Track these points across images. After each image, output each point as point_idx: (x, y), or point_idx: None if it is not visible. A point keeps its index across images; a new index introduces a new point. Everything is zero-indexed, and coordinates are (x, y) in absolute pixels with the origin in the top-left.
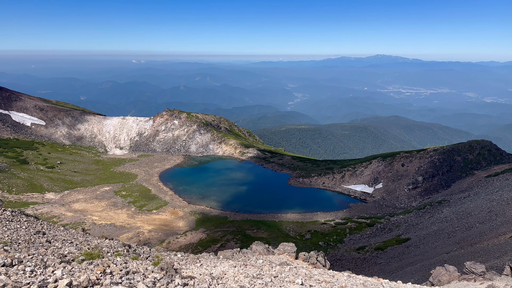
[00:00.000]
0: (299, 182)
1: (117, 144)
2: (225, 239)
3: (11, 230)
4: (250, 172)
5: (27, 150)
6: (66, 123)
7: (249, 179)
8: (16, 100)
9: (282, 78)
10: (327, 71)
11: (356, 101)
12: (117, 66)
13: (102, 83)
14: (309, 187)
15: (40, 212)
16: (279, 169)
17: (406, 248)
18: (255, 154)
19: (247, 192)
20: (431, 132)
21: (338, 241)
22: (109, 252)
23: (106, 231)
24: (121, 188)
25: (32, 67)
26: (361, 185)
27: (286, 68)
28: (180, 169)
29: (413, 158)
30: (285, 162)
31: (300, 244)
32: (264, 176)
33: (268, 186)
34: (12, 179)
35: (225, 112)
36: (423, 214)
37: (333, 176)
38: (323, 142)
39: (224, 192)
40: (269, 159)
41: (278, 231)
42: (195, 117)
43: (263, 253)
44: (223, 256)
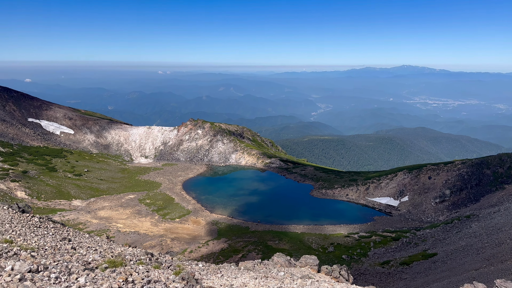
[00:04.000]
0: (322, 193)
1: (142, 153)
2: (246, 250)
3: (39, 236)
4: (272, 182)
5: (56, 158)
6: (94, 132)
7: (271, 190)
8: (46, 109)
9: (306, 88)
10: (352, 82)
11: (381, 112)
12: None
13: (129, 94)
14: (332, 199)
15: (67, 219)
16: (301, 180)
17: (432, 263)
18: (278, 165)
19: (269, 203)
20: (459, 145)
21: (362, 255)
22: (132, 260)
23: (130, 239)
24: (145, 196)
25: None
26: (386, 198)
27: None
28: (203, 178)
29: (440, 171)
30: (308, 172)
31: (322, 257)
32: (286, 187)
33: (290, 197)
34: (41, 186)
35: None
36: (451, 228)
37: (357, 188)
38: (347, 153)
39: (246, 202)
40: (292, 169)
41: (300, 243)
42: (218, 127)
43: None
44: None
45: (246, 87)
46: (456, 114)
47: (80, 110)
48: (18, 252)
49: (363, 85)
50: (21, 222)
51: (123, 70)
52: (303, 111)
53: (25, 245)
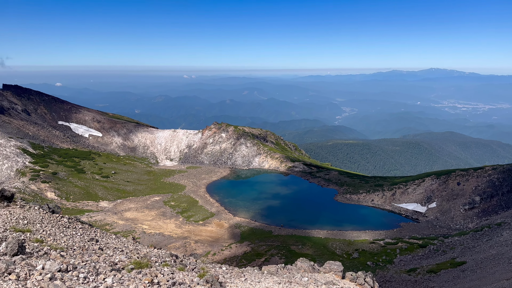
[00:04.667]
0: (347, 198)
1: (167, 155)
2: (269, 254)
3: (67, 236)
4: (295, 186)
5: (85, 160)
6: (121, 134)
7: (295, 194)
8: (76, 112)
9: (330, 92)
10: (377, 85)
11: (408, 116)
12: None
13: (155, 97)
14: (357, 204)
15: (94, 220)
16: (325, 184)
17: (461, 272)
18: (301, 169)
19: (292, 207)
20: (490, 150)
21: (388, 262)
22: (157, 262)
23: (155, 240)
24: (170, 198)
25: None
26: (413, 204)
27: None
28: (226, 181)
29: (469, 177)
30: (332, 177)
31: (347, 263)
32: (310, 191)
33: (314, 202)
34: (70, 187)
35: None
36: (481, 236)
37: (383, 194)
38: (372, 158)
39: (269, 206)
40: (315, 173)
41: (324, 248)
42: (242, 131)
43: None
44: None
45: (270, 90)
46: (487, 119)
47: (108, 114)
48: (48, 252)
49: (390, 88)
50: (51, 222)
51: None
52: (327, 115)
53: (54, 245)
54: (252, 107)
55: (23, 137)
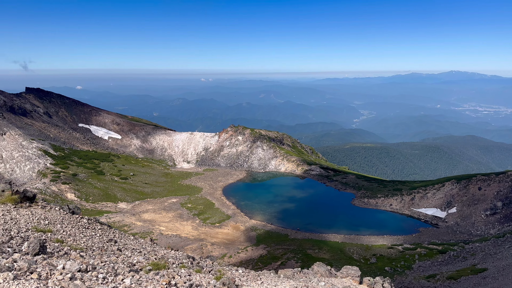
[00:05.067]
0: (364, 202)
1: (184, 158)
2: (285, 257)
3: (87, 237)
4: (312, 190)
5: (104, 162)
6: (140, 137)
7: (311, 197)
8: (96, 115)
9: (348, 95)
10: (396, 88)
11: (428, 119)
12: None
13: (173, 100)
14: (375, 209)
15: (113, 221)
16: (342, 188)
17: (482, 279)
18: (318, 172)
19: (309, 211)
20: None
21: (406, 267)
22: (174, 264)
23: (172, 242)
24: (187, 200)
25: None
26: (432, 209)
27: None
28: (243, 184)
29: (491, 182)
30: (349, 181)
31: (364, 268)
32: (326, 195)
33: (331, 205)
34: (89, 188)
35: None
36: (503, 243)
37: (402, 198)
38: (391, 162)
39: (285, 209)
40: (332, 177)
41: (341, 252)
42: (258, 133)
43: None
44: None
45: (286, 93)
46: (509, 122)
47: (127, 116)
48: (68, 252)
49: (409, 91)
50: (71, 223)
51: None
52: (345, 118)
53: (74, 245)
54: (268, 110)
55: (44, 139)
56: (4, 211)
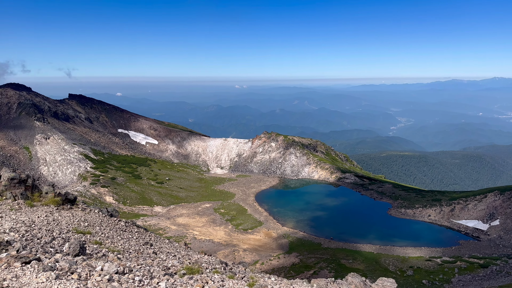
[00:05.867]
0: (401, 212)
1: (218, 163)
2: (318, 267)
3: (124, 239)
4: (346, 198)
5: (141, 166)
6: (176, 142)
7: (345, 206)
8: (134, 121)
9: (384, 101)
10: (436, 95)
11: (469, 127)
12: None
13: (208, 107)
14: (412, 219)
15: (149, 224)
16: (378, 197)
17: None
18: (353, 180)
19: (343, 220)
20: None
21: (445, 281)
22: (208, 269)
23: (205, 246)
24: (220, 206)
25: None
26: (473, 221)
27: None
28: (275, 191)
29: None
30: (385, 190)
31: (400, 280)
32: (361, 204)
33: (366, 215)
34: (127, 192)
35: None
36: None
37: (441, 209)
38: (430, 171)
39: (318, 217)
40: (368, 186)
41: (376, 263)
42: (292, 140)
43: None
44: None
45: (320, 100)
46: None
47: (163, 122)
48: (106, 254)
49: (449, 98)
50: (109, 225)
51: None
52: (381, 125)
53: (112, 247)
54: (302, 117)
55: (85, 143)
56: (47, 212)
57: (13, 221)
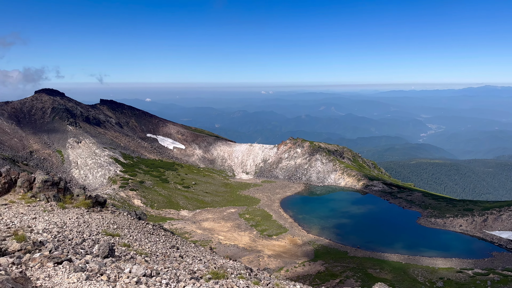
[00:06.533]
0: (431, 222)
1: (243, 169)
2: (344, 275)
3: (151, 242)
4: (373, 206)
5: (168, 170)
6: (202, 147)
7: (373, 214)
8: (162, 126)
9: (414, 108)
10: (467, 101)
11: (503, 134)
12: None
13: (234, 112)
14: (443, 229)
15: (175, 227)
16: (407, 206)
17: None
18: (380, 188)
19: (370, 228)
20: None
21: None
22: (233, 274)
23: (230, 251)
24: (245, 211)
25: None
26: (508, 232)
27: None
28: (301, 197)
29: None
30: (415, 198)
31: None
32: (389, 212)
33: (394, 224)
34: (154, 195)
35: (349, 142)
36: None
37: (473, 219)
38: (461, 180)
39: (344, 225)
40: (396, 194)
41: (404, 274)
42: (318, 146)
43: None
44: None
45: (348, 106)
46: None
47: (190, 127)
48: (134, 256)
49: (482, 104)
50: (137, 228)
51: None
52: (411, 132)
53: (140, 250)
54: (328, 123)
55: (115, 147)
56: (78, 214)
57: (46, 222)
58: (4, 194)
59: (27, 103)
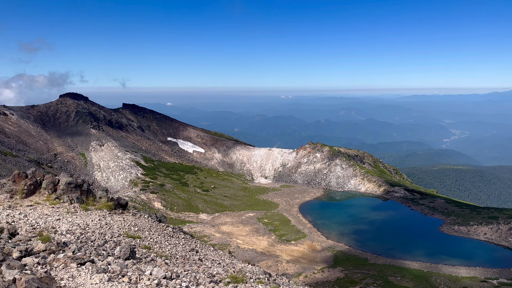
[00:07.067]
0: (454, 229)
1: (262, 173)
2: (364, 283)
3: (171, 245)
4: (394, 213)
5: (188, 174)
6: (221, 151)
7: (394, 221)
8: (182, 130)
9: (437, 112)
10: (493, 106)
11: None
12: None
13: (253, 117)
14: (466, 237)
15: (194, 231)
16: (429, 213)
17: None
18: (402, 194)
19: (391, 235)
20: None
21: None
22: (252, 278)
23: (248, 256)
24: (263, 215)
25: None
26: None
27: (442, 102)
28: (320, 202)
29: None
30: (437, 205)
31: None
32: (411, 219)
33: (416, 231)
34: (174, 198)
35: (370, 147)
36: None
37: (498, 227)
38: (486, 187)
39: (364, 232)
40: (418, 200)
41: (426, 282)
42: (337, 151)
43: None
44: None
45: (368, 110)
46: None
47: (210, 131)
48: (155, 258)
49: (508, 110)
50: (158, 230)
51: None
52: (433, 137)
53: (160, 252)
54: (348, 128)
55: (137, 151)
56: (100, 216)
57: (69, 224)
58: (30, 195)
59: (52, 107)
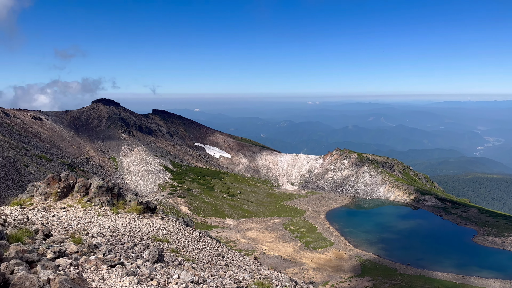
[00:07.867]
0: (488, 241)
1: (288, 179)
2: None
3: (198, 249)
4: (425, 222)
5: (215, 179)
6: (247, 157)
7: (424, 231)
8: (210, 135)
9: (470, 119)
10: None
11: None
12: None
13: (279, 122)
14: (501, 249)
15: (220, 236)
16: (462, 223)
17: None
18: (433, 203)
19: (421, 245)
20: None
21: None
22: (278, 285)
23: (274, 262)
24: (289, 222)
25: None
26: None
27: (475, 109)
28: (347, 210)
29: None
30: (470, 215)
31: None
32: (442, 229)
33: (448, 241)
34: (201, 203)
35: (399, 154)
36: None
37: None
38: None
39: (393, 241)
40: (450, 210)
41: None
42: (366, 158)
43: None
44: None
45: (398, 117)
46: None
47: (237, 137)
48: (182, 262)
49: None
50: (185, 235)
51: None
52: (466, 145)
53: (187, 257)
54: (377, 134)
55: (165, 155)
56: (130, 219)
57: (100, 226)
58: (63, 198)
59: (84, 112)
